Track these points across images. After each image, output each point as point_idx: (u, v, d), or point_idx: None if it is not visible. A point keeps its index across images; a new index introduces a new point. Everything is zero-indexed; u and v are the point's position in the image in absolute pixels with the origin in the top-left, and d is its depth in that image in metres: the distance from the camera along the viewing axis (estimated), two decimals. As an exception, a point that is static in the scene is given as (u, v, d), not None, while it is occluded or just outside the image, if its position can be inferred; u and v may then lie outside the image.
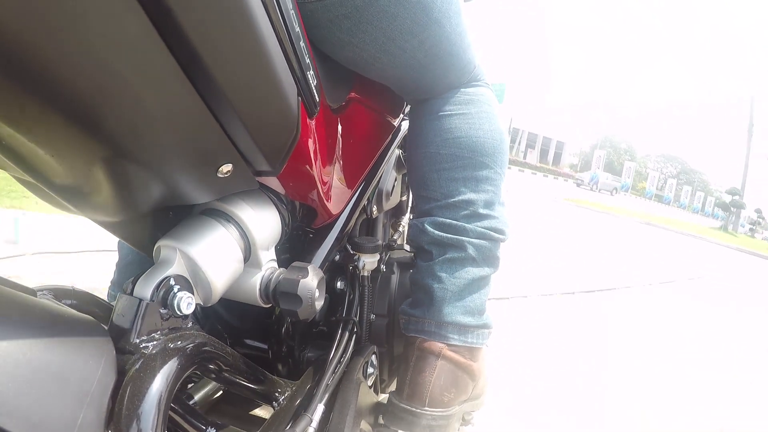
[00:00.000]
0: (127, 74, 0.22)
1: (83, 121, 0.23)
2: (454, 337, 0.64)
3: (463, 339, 0.64)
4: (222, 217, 0.39)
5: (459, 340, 0.64)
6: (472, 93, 0.67)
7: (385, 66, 0.55)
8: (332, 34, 0.49)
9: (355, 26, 0.48)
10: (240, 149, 0.33)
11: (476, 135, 0.65)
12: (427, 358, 0.63)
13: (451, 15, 0.55)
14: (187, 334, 0.33)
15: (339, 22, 0.48)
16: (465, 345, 0.64)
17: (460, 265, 0.65)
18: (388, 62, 0.54)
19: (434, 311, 0.64)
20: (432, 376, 0.61)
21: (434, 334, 0.64)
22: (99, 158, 0.26)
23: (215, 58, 0.26)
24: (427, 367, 0.62)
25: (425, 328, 0.64)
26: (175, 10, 0.22)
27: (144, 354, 0.29)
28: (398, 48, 0.53)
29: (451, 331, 0.63)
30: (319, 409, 0.45)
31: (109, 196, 0.29)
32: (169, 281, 0.33)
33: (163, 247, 0.35)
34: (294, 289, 0.40)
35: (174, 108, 0.26)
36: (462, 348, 0.64)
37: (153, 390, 0.27)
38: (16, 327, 0.22)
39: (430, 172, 0.67)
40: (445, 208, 0.66)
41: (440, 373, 0.62)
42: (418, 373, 0.62)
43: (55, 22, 0.18)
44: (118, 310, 0.30)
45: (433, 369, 0.62)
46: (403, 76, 0.59)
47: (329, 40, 0.50)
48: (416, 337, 0.65)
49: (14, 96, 0.20)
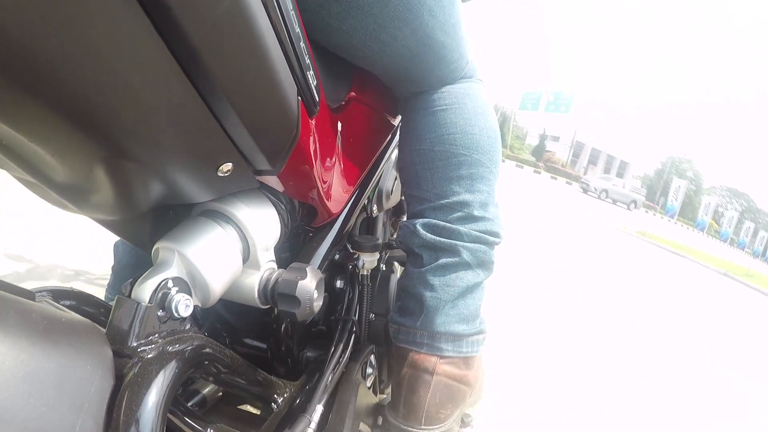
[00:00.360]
0: (127, 74, 0.22)
1: (83, 121, 0.23)
2: (447, 349, 0.60)
3: (457, 350, 0.61)
4: (221, 219, 0.39)
5: (453, 351, 0.61)
6: (467, 88, 0.65)
7: (375, 54, 0.53)
8: (321, 19, 0.48)
9: (344, 11, 0.47)
10: (240, 148, 0.32)
11: (472, 131, 0.62)
12: (421, 376, 0.59)
13: (445, 5, 0.53)
14: (185, 337, 0.33)
15: (328, 6, 0.46)
16: (459, 356, 0.61)
17: (454, 271, 0.61)
18: (379, 50, 0.53)
19: (426, 321, 0.61)
20: (427, 395, 0.59)
21: (427, 346, 0.61)
22: (99, 158, 0.25)
23: (215, 58, 0.25)
24: (421, 386, 0.59)
25: (417, 339, 0.61)
26: (175, 10, 0.22)
27: (142, 358, 0.29)
28: (389, 36, 0.51)
29: (444, 342, 0.60)
30: (318, 410, 0.46)
31: (109, 195, 0.29)
32: (167, 283, 0.32)
33: (162, 249, 0.35)
34: (292, 291, 0.40)
35: (174, 107, 0.26)
36: (457, 359, 0.61)
37: (151, 394, 0.27)
38: (13, 331, 0.22)
39: (423, 170, 0.63)
40: (438, 210, 0.63)
41: (435, 390, 0.59)
42: (411, 392, 0.59)
43: (55, 22, 0.18)
44: (116, 313, 0.30)
45: (428, 387, 0.59)
46: (394, 65, 0.57)
47: (318, 25, 0.48)
48: (408, 349, 0.62)
49: (14, 96, 0.20)
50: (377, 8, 0.48)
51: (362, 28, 0.49)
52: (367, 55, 0.54)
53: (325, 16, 0.47)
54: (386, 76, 0.61)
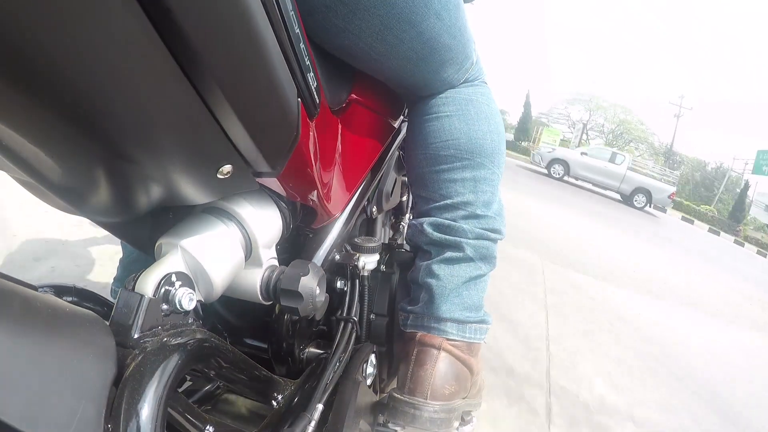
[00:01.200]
0: (127, 75, 0.22)
1: (83, 121, 0.23)
2: (453, 332, 0.65)
3: (461, 334, 0.65)
4: (223, 215, 0.39)
5: (458, 335, 0.65)
6: (471, 93, 0.67)
7: (381, 56, 0.54)
8: (327, 20, 0.48)
9: (351, 12, 0.48)
10: (240, 150, 0.33)
11: (475, 137, 0.65)
12: (428, 350, 0.64)
13: (450, 7, 0.54)
14: (187, 331, 0.33)
15: (335, 8, 0.47)
16: (464, 340, 0.65)
17: (458, 264, 0.66)
18: (385, 52, 0.54)
19: (433, 308, 0.65)
20: (433, 368, 0.62)
21: (434, 329, 0.65)
22: (99, 158, 0.26)
23: (215, 60, 0.26)
24: (428, 359, 0.63)
25: (425, 323, 0.66)
26: (174, 11, 0.22)
27: (144, 349, 0.29)
28: (395, 38, 0.52)
29: (450, 327, 0.65)
30: (318, 408, 0.46)
31: (109, 196, 0.29)
32: (170, 277, 0.33)
33: (165, 244, 0.36)
34: (295, 286, 0.41)
35: (174, 109, 0.26)
36: (461, 343, 0.65)
37: (153, 386, 0.27)
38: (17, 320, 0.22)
39: (430, 173, 0.67)
40: (443, 209, 0.67)
41: (441, 365, 0.63)
42: (419, 366, 0.63)
43: (54, 23, 0.18)
44: (120, 305, 0.31)
45: (435, 361, 0.63)
46: (400, 68, 0.58)
47: (324, 27, 0.49)
48: (416, 332, 0.66)
49: (14, 96, 0.20)
50: (383, 9, 0.49)
51: (368, 30, 0.50)
52: (374, 57, 0.54)
53: (331, 17, 0.48)
54: (392, 80, 0.62)
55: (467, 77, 0.67)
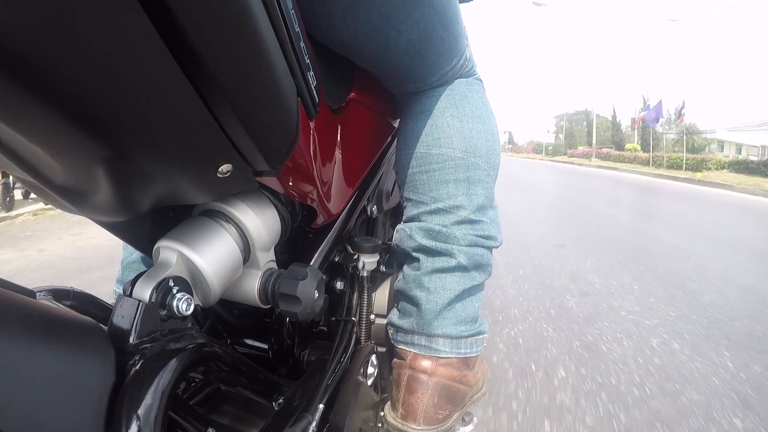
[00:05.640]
0: (127, 74, 0.22)
1: (83, 121, 0.23)
2: (445, 350, 0.60)
3: (456, 351, 0.60)
4: (221, 218, 0.39)
5: (452, 353, 0.60)
6: (465, 89, 0.64)
7: (380, 49, 0.53)
8: (326, 14, 0.48)
9: (348, 5, 0.47)
10: (239, 149, 0.32)
11: (469, 134, 0.61)
12: (419, 377, 0.59)
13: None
14: (186, 335, 0.33)
15: (334, 2, 0.47)
16: (458, 356, 0.61)
17: (450, 274, 0.61)
18: (384, 44, 0.52)
19: (423, 324, 0.60)
20: (425, 396, 0.58)
21: (425, 348, 0.60)
22: (99, 159, 0.25)
23: (215, 58, 0.25)
24: (419, 387, 0.59)
25: (415, 341, 0.61)
26: (175, 10, 0.22)
27: (144, 355, 0.29)
28: (393, 29, 0.51)
29: (442, 344, 0.60)
30: (319, 409, 0.46)
31: (109, 196, 0.29)
32: (168, 282, 0.33)
33: (162, 248, 0.35)
34: (293, 291, 0.40)
35: (173, 108, 0.26)
36: (455, 360, 0.61)
37: (152, 392, 0.27)
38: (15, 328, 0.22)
39: (420, 173, 0.63)
40: (434, 214, 0.62)
41: (433, 392, 0.59)
42: (410, 393, 0.59)
43: (54, 22, 0.18)
44: (118, 311, 0.30)
45: (426, 389, 0.58)
46: (398, 62, 0.56)
47: (322, 22, 0.48)
48: (406, 351, 0.61)
49: (14, 96, 0.20)
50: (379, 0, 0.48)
51: (367, 21, 0.49)
52: (372, 50, 0.53)
53: (330, 9, 0.47)
54: (388, 75, 0.61)
55: (461, 72, 0.64)
